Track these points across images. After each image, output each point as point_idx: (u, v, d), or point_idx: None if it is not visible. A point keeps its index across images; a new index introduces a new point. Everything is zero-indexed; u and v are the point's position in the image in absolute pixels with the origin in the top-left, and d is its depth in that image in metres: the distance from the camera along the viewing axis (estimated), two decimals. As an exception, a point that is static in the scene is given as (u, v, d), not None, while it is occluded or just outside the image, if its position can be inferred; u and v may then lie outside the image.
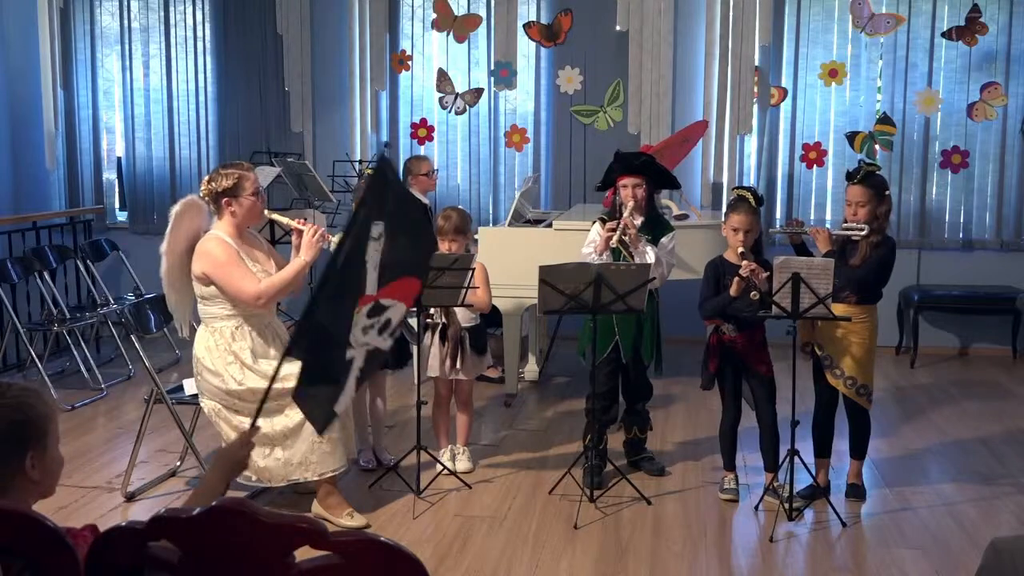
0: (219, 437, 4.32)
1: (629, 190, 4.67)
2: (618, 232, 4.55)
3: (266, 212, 4.39)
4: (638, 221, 4.65)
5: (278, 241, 6.33)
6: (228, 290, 4.14)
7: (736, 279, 4.30)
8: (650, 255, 4.59)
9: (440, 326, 4.77)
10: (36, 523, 1.81)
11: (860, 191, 4.37)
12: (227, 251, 4.15)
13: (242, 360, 4.15)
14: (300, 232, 4.23)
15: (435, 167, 7.15)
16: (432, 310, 4.72)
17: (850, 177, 4.44)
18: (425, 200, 6.83)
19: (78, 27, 8.42)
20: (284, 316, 6.17)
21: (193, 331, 4.36)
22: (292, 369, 4.09)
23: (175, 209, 4.23)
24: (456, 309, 4.69)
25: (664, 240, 4.71)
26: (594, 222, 4.85)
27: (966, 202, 7.64)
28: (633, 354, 4.74)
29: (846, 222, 4.44)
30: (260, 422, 4.07)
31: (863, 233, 4.36)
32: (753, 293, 4.26)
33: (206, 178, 4.29)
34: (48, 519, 1.82)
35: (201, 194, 4.27)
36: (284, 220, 4.42)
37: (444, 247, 4.73)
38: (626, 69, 7.64)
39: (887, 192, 4.46)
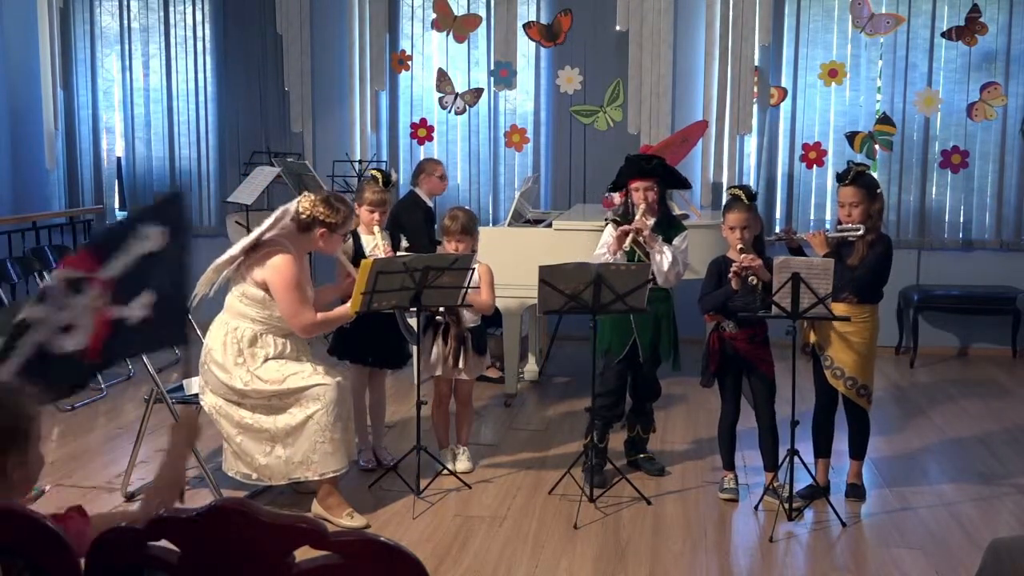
0: (219, 437, 4.33)
1: (641, 193, 4.68)
2: (630, 237, 4.57)
3: (340, 250, 4.50)
4: (650, 222, 4.67)
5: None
6: (286, 310, 4.18)
7: (732, 274, 4.31)
8: (667, 255, 4.60)
9: (443, 325, 4.77)
10: (36, 523, 1.81)
11: (852, 192, 4.37)
12: (298, 276, 4.19)
13: (250, 367, 4.16)
14: (354, 280, 4.30)
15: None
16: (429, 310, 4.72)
17: (840, 179, 4.44)
18: (429, 203, 6.81)
19: (78, 27, 8.42)
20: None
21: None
22: (299, 368, 4.14)
23: (275, 214, 4.23)
24: (461, 309, 4.69)
25: (677, 241, 4.73)
26: (606, 223, 4.87)
27: (966, 202, 7.64)
28: (651, 352, 4.75)
29: (840, 223, 4.44)
30: (263, 420, 4.12)
31: (860, 233, 4.36)
32: (752, 279, 4.26)
33: (315, 199, 4.26)
34: (48, 519, 1.82)
35: (301, 209, 4.24)
36: (347, 265, 4.54)
37: (451, 247, 4.73)
38: (626, 69, 7.64)
39: (879, 190, 4.46)
